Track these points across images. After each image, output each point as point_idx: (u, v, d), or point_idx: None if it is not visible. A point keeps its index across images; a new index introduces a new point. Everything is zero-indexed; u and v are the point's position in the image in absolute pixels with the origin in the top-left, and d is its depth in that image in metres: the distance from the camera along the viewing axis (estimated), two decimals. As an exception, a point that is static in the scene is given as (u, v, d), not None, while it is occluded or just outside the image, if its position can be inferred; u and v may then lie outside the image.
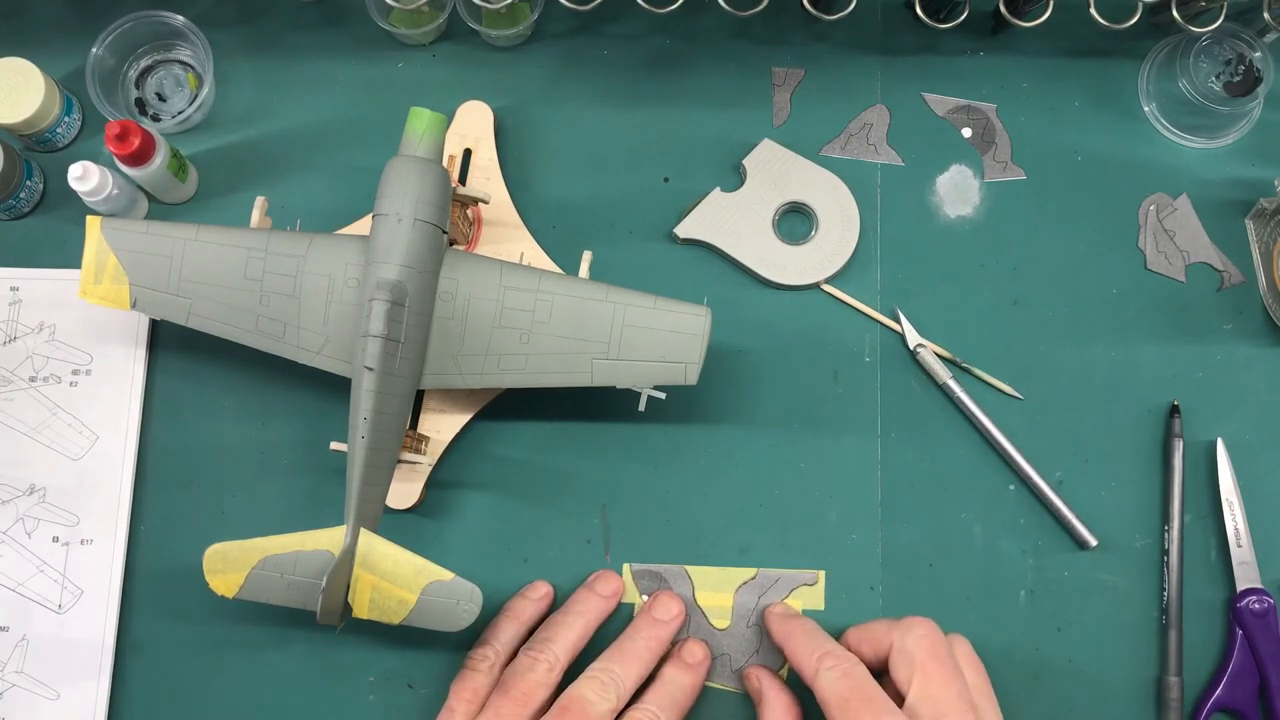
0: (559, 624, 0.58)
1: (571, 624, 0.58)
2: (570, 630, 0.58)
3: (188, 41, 0.67)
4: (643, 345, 0.57)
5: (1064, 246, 0.66)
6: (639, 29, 0.69)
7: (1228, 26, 0.65)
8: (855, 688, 0.52)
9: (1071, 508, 0.63)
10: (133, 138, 0.59)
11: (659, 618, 0.59)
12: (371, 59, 0.68)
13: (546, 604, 0.61)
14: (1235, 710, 0.62)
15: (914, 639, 0.54)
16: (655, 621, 0.59)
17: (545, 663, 0.56)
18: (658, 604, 0.60)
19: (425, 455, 0.60)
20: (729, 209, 0.65)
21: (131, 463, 0.63)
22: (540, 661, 0.56)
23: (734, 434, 0.64)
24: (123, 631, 0.62)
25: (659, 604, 0.60)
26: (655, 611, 0.60)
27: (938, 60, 0.69)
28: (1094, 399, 0.65)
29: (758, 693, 0.59)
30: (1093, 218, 0.67)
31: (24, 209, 0.65)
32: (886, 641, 0.55)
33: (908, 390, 0.65)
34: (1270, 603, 0.62)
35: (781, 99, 0.68)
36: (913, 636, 0.54)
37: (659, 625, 0.59)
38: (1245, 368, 0.65)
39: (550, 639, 0.57)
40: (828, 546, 0.63)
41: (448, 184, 0.56)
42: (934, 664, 0.53)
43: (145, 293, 0.57)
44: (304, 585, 0.54)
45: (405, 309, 0.54)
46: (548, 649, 0.56)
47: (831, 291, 0.65)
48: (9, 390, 0.63)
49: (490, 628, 0.59)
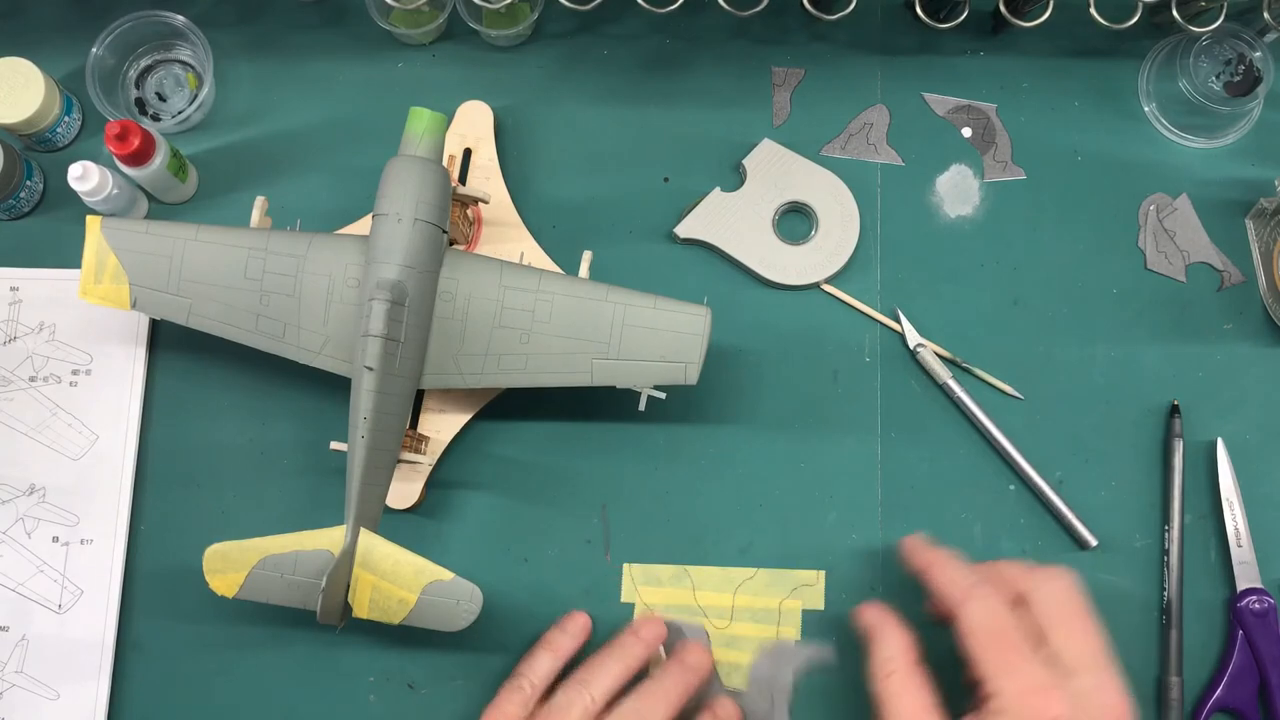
0: (598, 666, 0.57)
1: (610, 668, 0.56)
2: (608, 674, 0.56)
3: (188, 41, 0.67)
4: (643, 345, 0.57)
5: (1064, 246, 0.66)
6: (639, 29, 0.69)
7: (1228, 26, 0.65)
8: (1006, 626, 0.52)
9: (1071, 508, 0.63)
10: (133, 138, 0.59)
11: (690, 664, 0.58)
12: (371, 59, 0.68)
13: (584, 638, 0.60)
14: (1235, 710, 0.62)
15: (1052, 591, 0.53)
16: (685, 668, 0.58)
17: (581, 705, 0.54)
18: (689, 651, 0.59)
19: (425, 455, 0.60)
20: (729, 209, 0.65)
21: (131, 463, 0.63)
22: (576, 703, 0.54)
23: (734, 434, 0.64)
24: (123, 631, 0.62)
25: (690, 651, 0.59)
26: (687, 659, 0.59)
27: (938, 60, 0.69)
28: (1094, 399, 0.65)
29: (872, 627, 0.56)
30: (1093, 218, 0.67)
31: (24, 209, 0.65)
32: (1021, 587, 0.54)
33: (908, 390, 0.65)
34: (1270, 603, 0.62)
35: (781, 99, 0.68)
36: (1050, 589, 0.53)
37: (689, 672, 0.58)
38: (1245, 368, 0.65)
39: (588, 681, 0.55)
40: (828, 546, 0.63)
41: (448, 184, 0.56)
42: (1077, 620, 0.52)
43: (145, 293, 0.57)
44: (304, 585, 0.54)
45: (405, 309, 0.54)
46: (584, 690, 0.55)
47: (832, 291, 0.65)
48: (9, 390, 0.63)
49: (526, 660, 0.58)
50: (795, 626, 0.62)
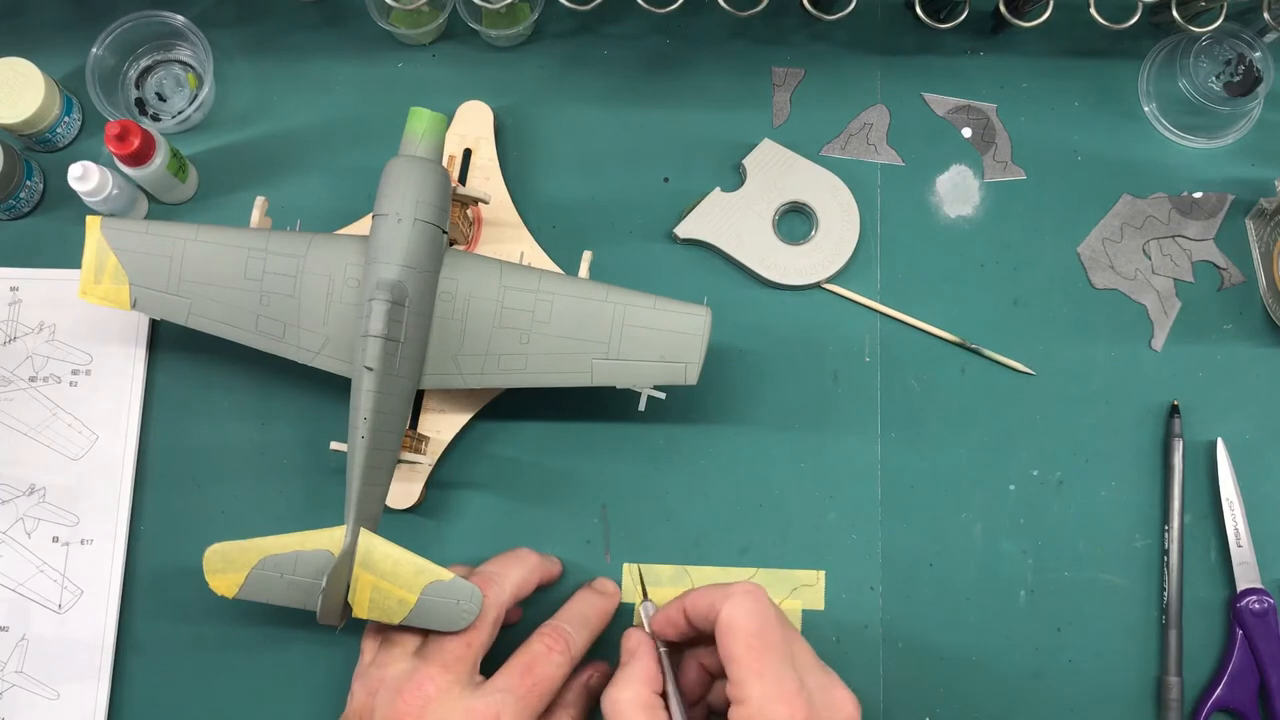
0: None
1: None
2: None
3: (188, 41, 0.67)
4: (643, 345, 0.57)
5: (1064, 246, 0.66)
6: (639, 29, 0.69)
7: (1228, 26, 0.65)
8: (767, 623, 0.51)
9: (1071, 508, 0.63)
10: (133, 138, 0.59)
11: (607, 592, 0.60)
12: (371, 59, 0.68)
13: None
14: (1235, 710, 0.62)
15: (742, 604, 0.51)
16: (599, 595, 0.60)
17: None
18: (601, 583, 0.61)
19: (425, 455, 0.60)
20: (729, 209, 0.65)
21: (131, 463, 0.63)
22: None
23: (734, 434, 0.64)
24: (123, 631, 0.62)
25: (602, 582, 0.61)
26: (605, 589, 0.61)
27: (938, 60, 0.69)
28: (1094, 399, 0.65)
29: (628, 651, 0.55)
30: (1093, 218, 0.67)
31: (24, 209, 0.65)
32: (715, 603, 0.52)
33: (908, 390, 0.65)
34: (1270, 603, 0.62)
35: (781, 99, 0.68)
36: (741, 602, 0.51)
37: (604, 599, 0.60)
38: (1245, 368, 0.65)
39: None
40: (828, 546, 0.63)
41: (448, 184, 0.56)
42: (781, 628, 0.51)
43: (145, 293, 0.57)
44: (304, 585, 0.54)
45: (405, 309, 0.54)
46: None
47: (833, 289, 0.65)
48: (9, 390, 0.63)
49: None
50: (795, 627, 0.62)
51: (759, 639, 0.50)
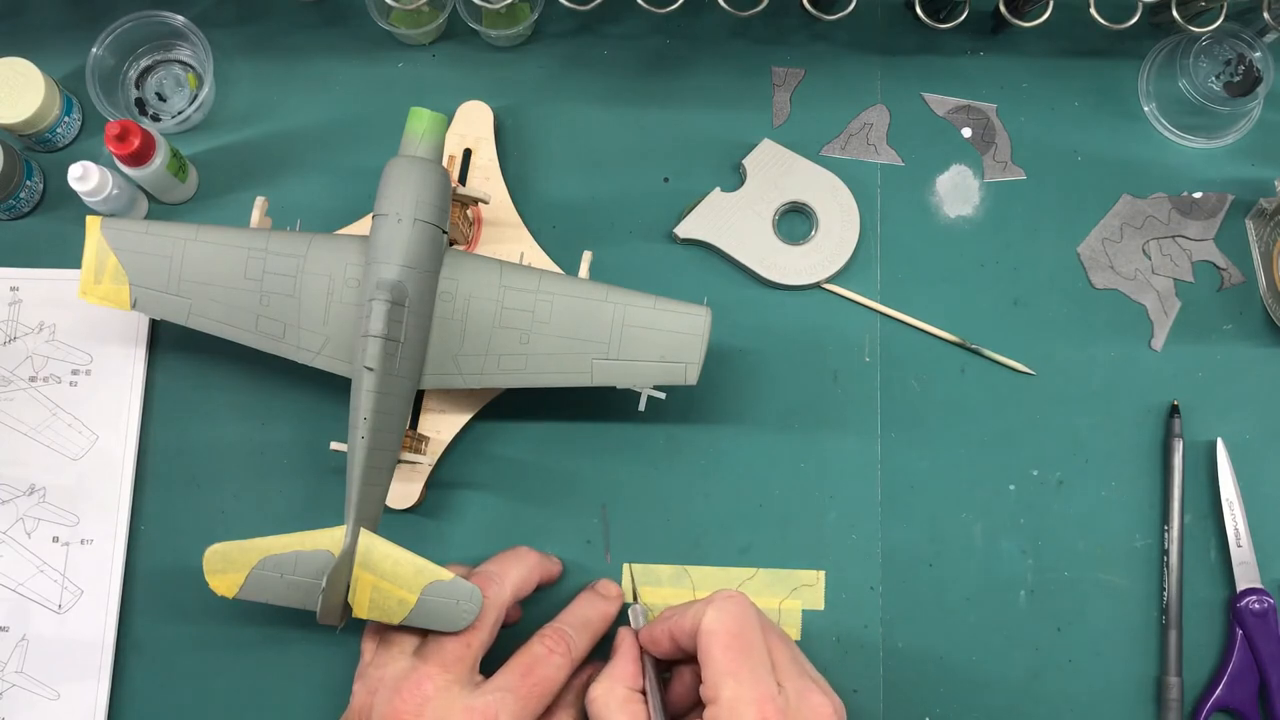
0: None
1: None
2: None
3: (188, 41, 0.67)
4: (643, 345, 0.57)
5: (1064, 246, 0.66)
6: (639, 29, 0.69)
7: (1228, 26, 0.65)
8: (746, 626, 0.51)
9: (1071, 507, 0.63)
10: (133, 138, 0.59)
11: (610, 595, 0.60)
12: (371, 59, 0.68)
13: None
14: (1235, 710, 0.62)
15: (725, 609, 0.51)
16: (601, 598, 0.60)
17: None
18: (604, 585, 0.61)
19: (425, 455, 0.60)
20: (729, 209, 0.65)
21: (131, 463, 0.63)
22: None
23: (734, 434, 0.64)
24: (123, 631, 0.62)
25: (604, 585, 0.61)
26: (607, 591, 0.60)
27: (938, 60, 0.69)
28: (1094, 399, 0.65)
29: (615, 647, 0.56)
30: (1093, 218, 0.67)
31: (24, 209, 0.65)
32: (698, 613, 0.52)
33: (907, 390, 0.65)
34: (1270, 603, 0.62)
35: (781, 99, 0.68)
36: (724, 606, 0.52)
37: (606, 602, 0.60)
38: (1245, 368, 0.65)
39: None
40: (828, 546, 0.63)
41: (448, 184, 0.56)
42: (767, 633, 0.52)
43: (145, 293, 0.57)
44: (304, 585, 0.54)
45: (405, 309, 0.54)
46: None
47: (833, 289, 0.65)
48: (9, 390, 0.64)
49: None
50: (795, 627, 0.62)
51: (736, 641, 0.50)
